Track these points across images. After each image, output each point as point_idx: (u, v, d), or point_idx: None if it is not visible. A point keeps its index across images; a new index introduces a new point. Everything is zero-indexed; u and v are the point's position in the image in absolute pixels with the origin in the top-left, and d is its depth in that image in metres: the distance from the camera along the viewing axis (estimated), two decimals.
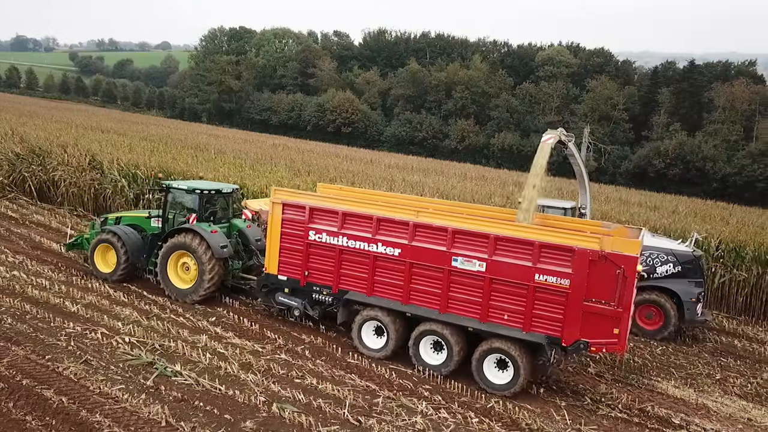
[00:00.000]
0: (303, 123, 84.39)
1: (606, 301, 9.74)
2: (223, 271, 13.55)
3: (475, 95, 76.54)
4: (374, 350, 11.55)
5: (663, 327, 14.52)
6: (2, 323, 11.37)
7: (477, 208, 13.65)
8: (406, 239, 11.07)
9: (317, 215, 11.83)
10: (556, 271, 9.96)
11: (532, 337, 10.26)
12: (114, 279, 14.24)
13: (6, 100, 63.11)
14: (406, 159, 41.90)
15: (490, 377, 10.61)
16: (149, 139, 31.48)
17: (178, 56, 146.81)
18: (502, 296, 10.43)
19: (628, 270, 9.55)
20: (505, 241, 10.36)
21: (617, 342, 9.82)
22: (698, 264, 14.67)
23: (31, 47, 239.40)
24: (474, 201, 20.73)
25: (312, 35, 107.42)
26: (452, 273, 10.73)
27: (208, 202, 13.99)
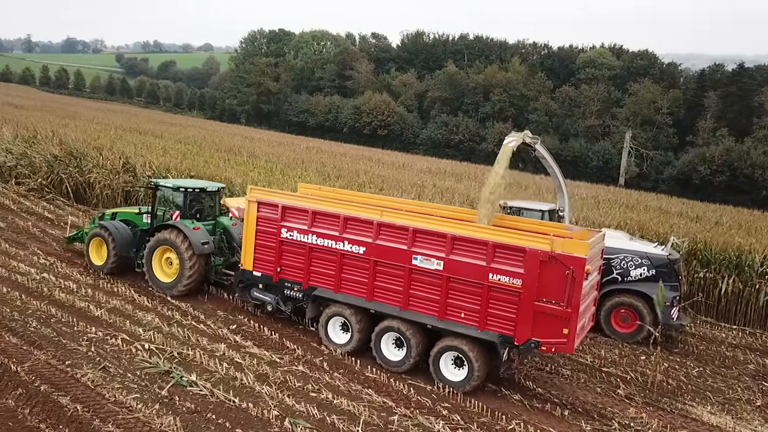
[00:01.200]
0: (339, 125, 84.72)
1: (556, 302, 9.87)
2: (204, 266, 13.97)
3: (513, 98, 75.49)
4: (339, 345, 11.91)
5: (636, 330, 14.41)
6: (28, 326, 11.54)
7: (453, 210, 13.50)
8: (370, 238, 11.29)
9: (289, 213, 12.14)
10: (508, 271, 10.16)
11: (486, 336, 10.43)
12: (105, 271, 14.86)
13: (53, 101, 65.19)
14: (439, 163, 41.44)
15: (445, 374, 10.84)
16: (184, 142, 31.92)
17: (219, 58, 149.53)
18: (458, 295, 10.65)
19: (577, 271, 9.66)
20: (462, 240, 10.55)
21: (566, 342, 9.94)
22: (673, 268, 14.47)
23: (81, 49, 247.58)
24: None
25: (350, 37, 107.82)
26: (413, 271, 10.97)
27: (194, 200, 14.50)
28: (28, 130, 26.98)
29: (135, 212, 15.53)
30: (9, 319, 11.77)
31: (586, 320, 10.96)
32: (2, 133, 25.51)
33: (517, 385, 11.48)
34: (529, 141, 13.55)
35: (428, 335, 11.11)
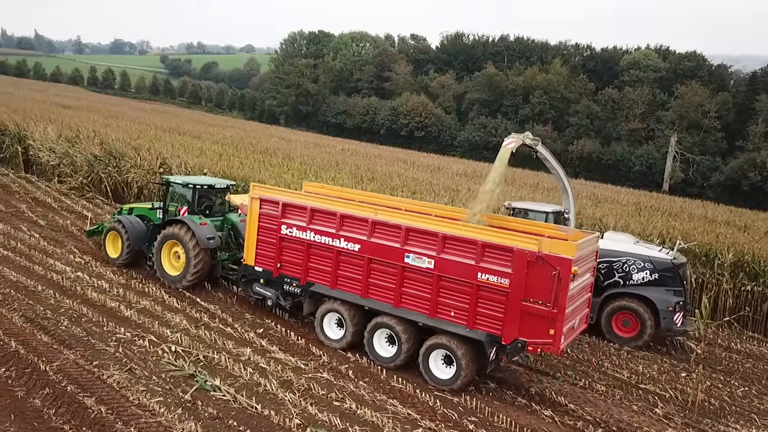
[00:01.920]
0: (376, 127, 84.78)
1: (543, 302, 9.87)
2: (209, 260, 14.34)
3: (554, 100, 74.18)
4: (334, 341, 12.09)
5: (638, 335, 14.14)
6: (59, 325, 11.70)
7: (452, 210, 13.33)
8: (365, 236, 11.44)
9: (289, 210, 12.36)
10: (497, 271, 10.20)
11: (474, 335, 10.48)
12: (119, 263, 15.52)
13: (99, 101, 66.99)
14: (475, 166, 40.84)
15: (435, 372, 10.91)
16: (221, 143, 32.26)
17: (260, 59, 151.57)
18: (448, 293, 10.74)
19: (563, 272, 9.64)
20: (452, 239, 10.63)
21: (552, 343, 9.92)
22: (677, 272, 14.09)
23: (128, 50, 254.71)
24: None
25: (389, 39, 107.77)
26: (405, 269, 11.09)
27: (203, 197, 14.98)
28: (71, 129, 27.65)
29: (149, 207, 16.09)
30: (42, 317, 11.96)
31: (577, 322, 10.90)
32: (47, 132, 26.20)
33: (548, 401, 11.07)
34: (529, 143, 13.47)
35: (419, 332, 11.23)
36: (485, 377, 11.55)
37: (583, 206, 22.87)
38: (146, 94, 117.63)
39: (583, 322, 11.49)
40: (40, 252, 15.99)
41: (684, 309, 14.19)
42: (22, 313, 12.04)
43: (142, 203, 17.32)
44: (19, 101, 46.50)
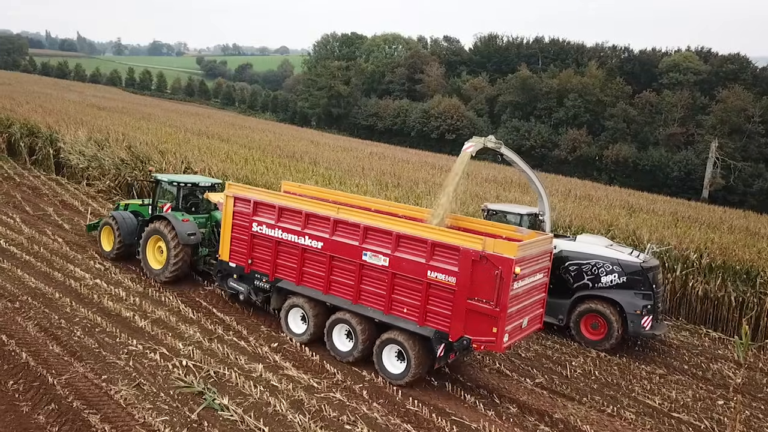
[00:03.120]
0: (407, 129, 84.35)
1: (486, 301, 10.08)
2: (189, 255, 14.83)
3: (589, 103, 72.64)
4: (297, 335, 12.47)
5: (605, 338, 14.14)
6: (72, 335, 11.56)
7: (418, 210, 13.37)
8: (327, 234, 11.76)
9: (260, 208, 12.77)
10: (445, 269, 10.44)
11: (424, 331, 10.72)
12: (111, 256, 16.17)
13: (135, 102, 68.10)
14: (506, 171, 39.90)
15: (387, 366, 11.21)
16: (248, 146, 32.22)
17: (293, 60, 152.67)
18: (402, 290, 11.00)
19: (505, 271, 9.83)
20: (405, 238, 10.92)
21: (495, 341, 10.12)
22: (646, 276, 14.00)
23: (165, 52, 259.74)
24: (569, 230, 18.95)
25: (422, 40, 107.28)
26: (363, 267, 11.38)
27: (189, 194, 15.56)
28: (101, 132, 27.92)
29: (140, 204, 16.85)
30: (56, 327, 11.85)
31: (526, 322, 11.01)
32: (78, 135, 26.48)
33: (573, 428, 10.45)
34: (492, 146, 13.69)
35: (376, 328, 11.47)
36: (509, 400, 11.02)
37: (616, 216, 21.96)
38: (181, 95, 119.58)
39: (536, 323, 11.62)
40: (61, 257, 16.01)
41: (653, 312, 14.06)
42: (37, 322, 11.95)
43: (136, 200, 17.91)
44: (56, 102, 47.49)
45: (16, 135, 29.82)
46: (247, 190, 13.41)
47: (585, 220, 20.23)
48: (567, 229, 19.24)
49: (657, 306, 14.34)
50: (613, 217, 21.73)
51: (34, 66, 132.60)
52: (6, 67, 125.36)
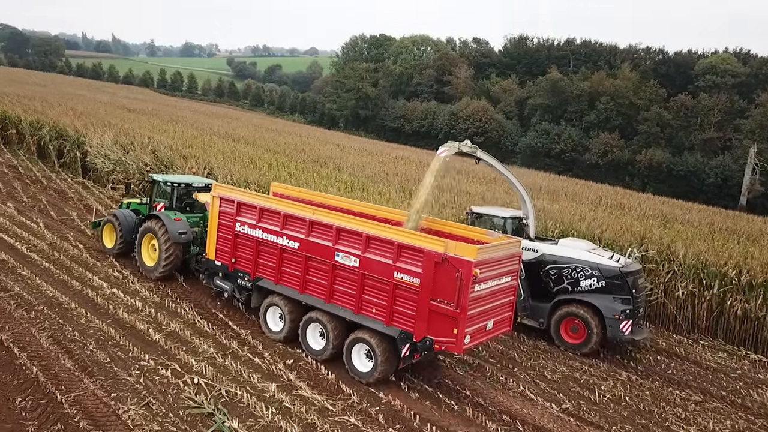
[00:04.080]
0: (435, 131, 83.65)
1: (447, 302, 10.24)
2: (180, 254, 15.24)
3: (622, 107, 71.01)
4: (274, 333, 12.73)
5: (584, 342, 14.15)
6: (85, 349, 11.36)
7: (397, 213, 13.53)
8: (303, 234, 12.01)
9: (243, 209, 13.06)
10: (410, 270, 10.64)
11: (390, 331, 10.89)
12: (113, 253, 16.73)
13: (164, 104, 68.93)
14: (535, 177, 39.11)
15: (356, 365, 11.39)
16: (273, 150, 32.04)
17: (322, 62, 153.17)
18: (371, 291, 11.20)
19: (465, 273, 9.99)
20: (374, 239, 11.12)
21: (455, 342, 10.28)
22: (626, 280, 13.93)
23: (197, 53, 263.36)
24: (599, 242, 18.17)
25: (450, 42, 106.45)
26: (335, 267, 11.60)
27: (183, 194, 16.02)
28: (127, 136, 28.03)
29: (138, 202, 17.47)
30: (69, 339, 11.67)
31: (491, 324, 11.10)
32: (104, 138, 26.61)
33: None
34: (467, 150, 13.63)
35: (347, 327, 11.65)
36: (533, 428, 10.44)
37: (649, 228, 21.03)
38: (211, 96, 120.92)
39: (505, 326, 11.70)
40: (81, 265, 15.92)
41: (632, 317, 13.97)
42: (51, 334, 11.80)
43: (137, 199, 18.40)
44: (88, 104, 48.21)
45: (46, 138, 30.20)
46: (232, 191, 13.83)
47: (616, 232, 19.38)
48: (598, 241, 18.48)
49: (638, 311, 14.28)
50: (645, 228, 20.82)
51: (69, 67, 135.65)
52: (43, 68, 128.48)
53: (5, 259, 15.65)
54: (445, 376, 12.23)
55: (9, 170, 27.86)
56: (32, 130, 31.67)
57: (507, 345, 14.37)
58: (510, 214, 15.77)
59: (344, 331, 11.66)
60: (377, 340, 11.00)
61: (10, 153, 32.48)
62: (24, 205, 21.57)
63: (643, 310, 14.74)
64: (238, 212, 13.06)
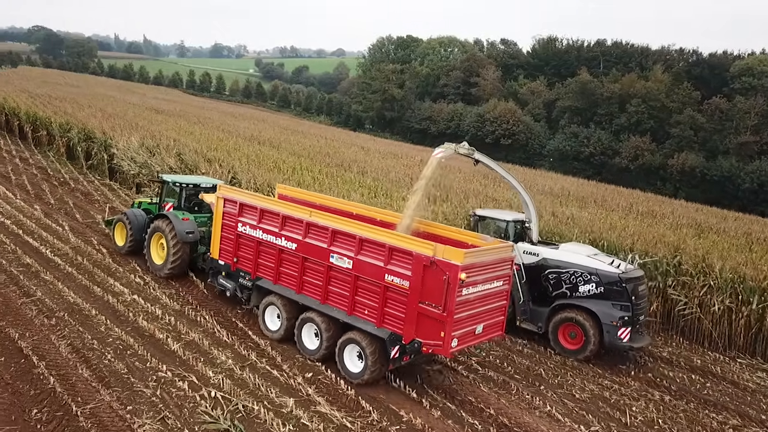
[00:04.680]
0: (461, 133, 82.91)
1: (435, 305, 10.30)
2: (187, 252, 15.54)
3: (653, 109, 69.45)
4: (272, 332, 12.93)
5: (582, 348, 14.00)
6: (103, 358, 11.23)
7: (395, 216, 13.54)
8: (301, 235, 12.18)
9: (245, 210, 13.33)
10: (400, 273, 10.73)
11: (380, 333, 10.99)
12: (124, 251, 17.11)
13: (192, 105, 69.62)
14: (564, 182, 38.31)
15: (348, 365, 11.50)
16: (298, 154, 31.92)
17: (349, 63, 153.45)
18: (363, 292, 11.32)
19: (452, 277, 10.04)
20: (367, 242, 11.23)
21: (442, 345, 10.34)
22: (625, 286, 13.71)
23: (226, 54, 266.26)
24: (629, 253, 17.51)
25: (478, 43, 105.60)
26: (330, 269, 11.74)
27: (192, 194, 16.34)
28: (153, 138, 28.17)
29: (149, 202, 17.90)
30: (88, 348, 11.57)
31: (480, 328, 11.07)
32: (130, 141, 26.76)
33: None
34: (464, 152, 13.49)
35: (340, 328, 11.78)
36: None
37: (683, 238, 20.25)
38: (239, 97, 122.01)
39: (496, 330, 11.66)
40: (103, 270, 15.90)
41: (631, 324, 13.73)
42: (70, 342, 11.71)
43: (148, 198, 18.94)
44: (117, 105, 48.89)
45: (74, 139, 30.56)
46: (235, 192, 14.14)
47: (648, 242, 18.68)
48: (628, 251, 17.84)
49: (637, 318, 14.01)
50: (679, 238, 20.06)
51: (101, 68, 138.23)
52: (76, 69, 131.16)
53: (29, 263, 15.71)
54: (468, 393, 11.82)
55: (38, 172, 28.25)
56: (62, 132, 32.12)
57: (533, 360, 13.91)
58: (512, 217, 15.67)
59: (337, 331, 11.80)
60: (368, 341, 11.13)
61: (41, 154, 33.03)
62: (51, 207, 21.76)
63: (643, 317, 14.48)
64: (240, 213, 13.35)
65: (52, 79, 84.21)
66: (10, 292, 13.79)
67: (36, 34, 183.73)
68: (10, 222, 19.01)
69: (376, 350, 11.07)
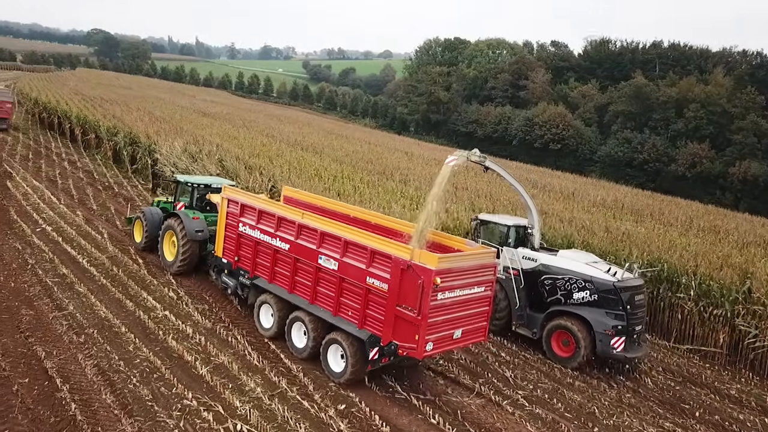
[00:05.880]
0: (509, 137, 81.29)
1: (411, 308, 10.43)
2: (197, 250, 16.01)
3: (713, 115, 66.19)
4: (266, 329, 13.27)
5: (573, 356, 13.83)
6: (128, 382, 10.76)
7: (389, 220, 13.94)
8: (293, 236, 12.46)
9: (245, 210, 13.76)
10: (380, 276, 10.89)
11: (360, 334, 11.17)
12: (141, 247, 17.80)
13: (239, 107, 70.23)
14: (617, 191, 36.51)
15: (331, 364, 11.75)
16: (340, 160, 31.33)
17: (395, 65, 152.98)
18: (347, 294, 11.54)
19: (426, 281, 10.16)
20: (351, 244, 11.45)
21: (416, 348, 10.46)
22: (620, 295, 13.49)
23: (274, 56, 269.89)
24: (693, 278, 16.11)
25: (527, 46, 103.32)
26: (318, 270, 11.98)
27: (202, 194, 16.85)
28: (197, 143, 28.09)
29: (164, 201, 18.58)
30: (114, 370, 11.12)
31: (459, 333, 11.10)
32: (174, 146, 26.70)
33: None
34: (476, 160, 13.80)
35: (325, 328, 11.96)
36: None
37: (751, 258, 18.59)
38: (286, 99, 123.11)
39: (478, 335, 11.69)
40: (138, 282, 15.58)
41: (625, 334, 13.51)
42: (96, 362, 11.30)
43: (165, 197, 19.63)
44: (166, 108, 49.56)
45: (121, 144, 30.81)
46: (238, 193, 14.61)
47: (713, 265, 17.18)
48: (691, 276, 16.47)
49: (633, 328, 13.71)
50: (747, 260, 18.45)
51: (154, 70, 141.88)
52: (130, 71, 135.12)
53: (65, 273, 15.53)
54: None
55: (85, 175, 28.56)
56: (109, 136, 32.49)
57: (585, 396, 12.78)
58: (513, 222, 15.76)
59: (323, 331, 12.01)
60: (349, 342, 11.33)
61: (89, 157, 33.53)
62: (92, 213, 21.77)
63: (640, 327, 14.07)
64: (242, 213, 13.79)
65: (107, 80, 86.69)
66: (42, 305, 13.58)
67: (95, 36, 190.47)
68: (51, 229, 19.01)
69: (356, 351, 11.26)
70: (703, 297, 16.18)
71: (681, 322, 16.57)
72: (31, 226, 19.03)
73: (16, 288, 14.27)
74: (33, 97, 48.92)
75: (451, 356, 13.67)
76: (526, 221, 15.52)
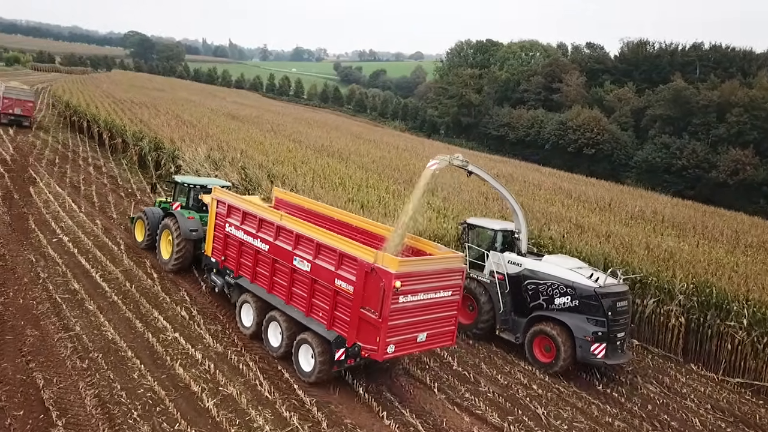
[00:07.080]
0: (541, 141, 79.55)
1: (373, 311, 10.51)
2: (191, 249, 16.43)
3: (758, 119, 63.54)
4: (246, 327, 13.53)
5: (553, 361, 13.73)
6: (129, 416, 10.03)
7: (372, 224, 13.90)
8: (272, 238, 12.74)
9: (231, 211, 14.12)
10: (347, 278, 11.04)
11: (328, 335, 11.30)
12: (142, 247, 18.26)
13: (268, 110, 70.02)
14: (655, 202, 34.76)
15: (302, 363, 11.87)
16: (366, 168, 30.44)
17: (426, 67, 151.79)
18: (318, 295, 11.71)
19: (387, 284, 10.24)
20: (322, 246, 11.65)
21: (377, 350, 10.58)
22: (601, 302, 13.37)
23: (306, 57, 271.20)
24: (741, 307, 14.74)
25: (561, 47, 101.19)
26: (293, 271, 12.22)
27: (198, 195, 17.28)
28: (221, 149, 27.57)
29: (163, 201, 19.02)
30: (116, 402, 10.41)
31: (423, 336, 11.15)
32: (197, 153, 26.21)
33: None
34: (458, 164, 13.73)
35: (299, 328, 12.09)
36: None
37: None
38: (316, 101, 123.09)
39: (445, 339, 11.69)
40: (150, 300, 14.94)
41: (606, 340, 13.37)
42: (98, 392, 10.60)
43: (164, 198, 20.04)
44: (195, 110, 49.47)
45: (146, 149, 30.52)
46: (225, 194, 14.89)
47: (766, 290, 15.80)
48: (743, 304, 15.11)
49: (614, 334, 13.58)
50: None
51: (187, 71, 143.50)
52: (164, 73, 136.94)
53: (77, 289, 14.99)
54: None
55: (108, 181, 28.32)
56: (135, 141, 32.26)
57: None
58: (500, 227, 15.73)
59: (297, 331, 12.13)
60: (318, 342, 11.45)
61: (114, 162, 33.39)
62: (112, 223, 21.33)
63: (623, 333, 13.92)
64: (228, 214, 14.14)
65: (140, 82, 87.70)
66: (49, 324, 13.00)
67: (131, 39, 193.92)
68: (67, 239, 18.57)
69: (324, 351, 11.36)
70: (757, 326, 14.82)
71: (731, 353, 15.23)
72: (48, 237, 18.62)
73: (25, 305, 13.74)
74: (65, 100, 49.35)
75: (478, 390, 12.66)
76: (513, 226, 15.51)
